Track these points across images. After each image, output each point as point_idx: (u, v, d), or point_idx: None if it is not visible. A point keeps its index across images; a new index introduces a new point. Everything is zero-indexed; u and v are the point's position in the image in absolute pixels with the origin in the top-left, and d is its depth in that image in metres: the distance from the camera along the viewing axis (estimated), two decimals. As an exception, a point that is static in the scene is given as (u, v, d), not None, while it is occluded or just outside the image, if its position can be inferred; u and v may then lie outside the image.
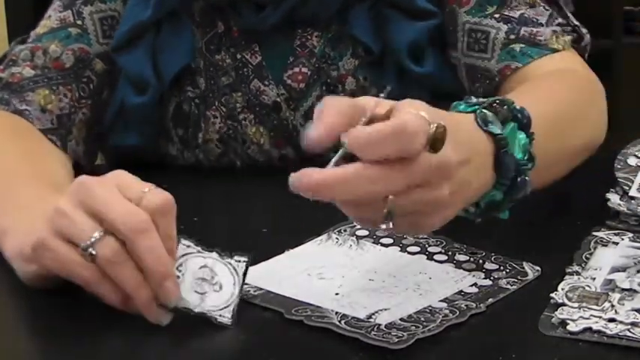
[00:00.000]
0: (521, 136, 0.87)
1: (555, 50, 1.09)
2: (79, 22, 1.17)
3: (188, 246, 0.82)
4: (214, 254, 0.83)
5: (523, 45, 1.09)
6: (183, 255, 0.82)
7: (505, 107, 0.86)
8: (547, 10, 1.12)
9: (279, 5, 1.14)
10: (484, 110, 0.85)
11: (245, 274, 0.82)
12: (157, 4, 1.14)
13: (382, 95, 0.80)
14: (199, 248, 0.82)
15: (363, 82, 1.15)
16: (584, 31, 1.13)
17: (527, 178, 0.87)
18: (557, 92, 1.04)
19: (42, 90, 1.14)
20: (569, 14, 1.13)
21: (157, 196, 0.81)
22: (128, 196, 0.80)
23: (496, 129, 0.84)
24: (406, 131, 0.74)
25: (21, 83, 1.14)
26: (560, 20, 1.12)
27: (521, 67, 1.09)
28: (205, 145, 1.18)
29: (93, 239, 0.79)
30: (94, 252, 0.79)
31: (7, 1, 2.51)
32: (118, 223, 0.79)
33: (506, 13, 1.11)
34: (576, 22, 1.13)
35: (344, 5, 1.14)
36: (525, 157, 0.87)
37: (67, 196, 0.82)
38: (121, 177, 0.83)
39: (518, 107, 0.87)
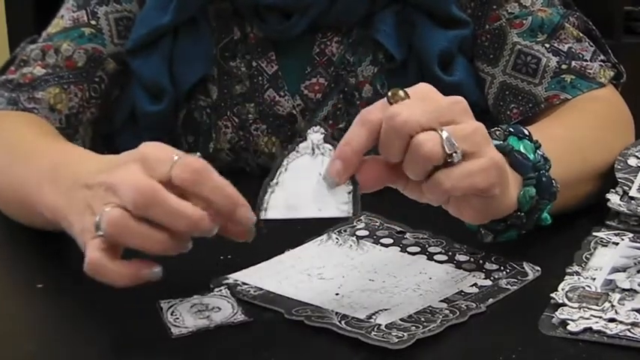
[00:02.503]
0: (525, 141, 0.88)
1: (602, 85, 1.10)
2: (93, 22, 1.15)
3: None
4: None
5: (574, 77, 1.10)
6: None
7: (499, 130, 0.89)
8: (592, 46, 1.13)
9: (305, 13, 1.12)
10: None
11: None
12: (176, 10, 1.12)
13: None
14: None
15: (381, 89, 1.13)
16: (622, 68, 1.15)
17: (549, 174, 0.88)
18: (578, 118, 1.06)
19: (53, 88, 1.13)
20: (610, 51, 1.15)
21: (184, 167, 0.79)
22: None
23: (496, 142, 0.86)
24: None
25: (33, 83, 1.12)
26: (602, 57, 1.14)
27: (570, 99, 1.09)
28: (216, 154, 1.15)
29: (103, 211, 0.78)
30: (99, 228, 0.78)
31: (7, 3, 2.51)
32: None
33: (555, 45, 1.11)
34: (615, 60, 1.15)
35: (370, 10, 1.13)
36: (538, 158, 0.88)
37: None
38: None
39: (512, 127, 0.89)
